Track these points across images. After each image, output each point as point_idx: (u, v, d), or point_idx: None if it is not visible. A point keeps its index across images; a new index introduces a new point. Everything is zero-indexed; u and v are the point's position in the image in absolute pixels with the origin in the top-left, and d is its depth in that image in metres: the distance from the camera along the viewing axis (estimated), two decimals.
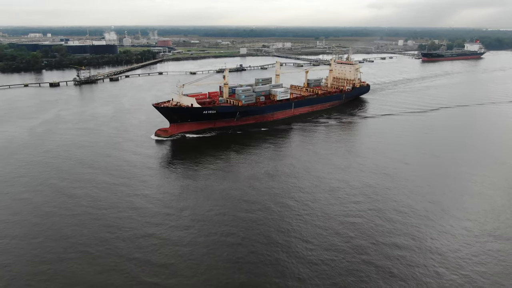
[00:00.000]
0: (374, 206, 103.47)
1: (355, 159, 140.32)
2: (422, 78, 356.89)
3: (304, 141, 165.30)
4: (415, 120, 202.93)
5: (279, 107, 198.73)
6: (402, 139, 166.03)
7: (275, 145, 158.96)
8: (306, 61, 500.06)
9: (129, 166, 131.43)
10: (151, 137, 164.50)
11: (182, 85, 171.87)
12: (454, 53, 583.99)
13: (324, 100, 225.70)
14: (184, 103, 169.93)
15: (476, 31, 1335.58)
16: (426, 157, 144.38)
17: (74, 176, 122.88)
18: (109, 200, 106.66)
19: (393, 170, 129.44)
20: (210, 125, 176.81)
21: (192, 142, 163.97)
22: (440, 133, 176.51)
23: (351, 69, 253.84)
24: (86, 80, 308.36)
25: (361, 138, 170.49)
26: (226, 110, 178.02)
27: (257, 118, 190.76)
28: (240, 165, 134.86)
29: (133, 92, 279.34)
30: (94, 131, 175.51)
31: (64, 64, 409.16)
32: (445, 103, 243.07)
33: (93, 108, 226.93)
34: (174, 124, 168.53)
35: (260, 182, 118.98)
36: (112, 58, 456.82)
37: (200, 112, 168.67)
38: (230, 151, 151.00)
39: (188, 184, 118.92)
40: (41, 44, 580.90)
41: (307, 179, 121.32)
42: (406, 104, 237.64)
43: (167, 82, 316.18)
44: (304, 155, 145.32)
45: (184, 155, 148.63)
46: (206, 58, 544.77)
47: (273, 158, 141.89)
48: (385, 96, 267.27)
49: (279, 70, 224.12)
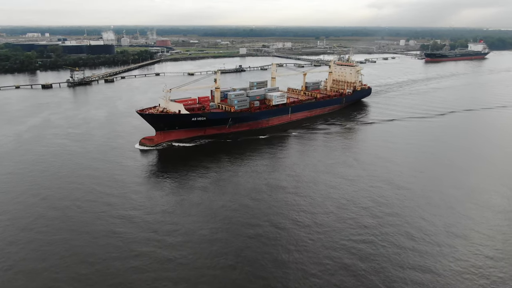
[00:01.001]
0: (387, 230, 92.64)
1: (363, 170, 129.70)
2: (427, 79, 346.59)
3: (304, 150, 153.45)
4: (423, 125, 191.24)
5: (275, 112, 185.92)
6: (411, 147, 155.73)
7: (273, 155, 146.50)
8: (307, 61, 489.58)
9: (111, 181, 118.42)
10: (135, 146, 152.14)
11: (169, 89, 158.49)
12: (458, 53, 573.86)
13: (323, 104, 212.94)
14: (171, 109, 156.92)
15: (477, 31, 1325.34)
16: (440, 167, 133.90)
17: (48, 193, 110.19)
18: (86, 225, 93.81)
19: (405, 182, 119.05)
20: (200, 132, 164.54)
21: (180, 151, 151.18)
22: (452, 140, 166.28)
23: (351, 71, 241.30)
24: (80, 82, 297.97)
25: (367, 146, 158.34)
26: (217, 117, 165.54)
27: (251, 124, 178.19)
28: (235, 179, 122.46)
29: (129, 95, 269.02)
30: (83, 137, 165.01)
31: (59, 65, 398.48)
32: (454, 107, 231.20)
33: (85, 111, 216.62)
34: (160, 132, 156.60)
35: (259, 199, 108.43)
36: (109, 59, 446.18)
37: (189, 119, 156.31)
38: (223, 161, 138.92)
39: (176, 201, 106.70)
40: (37, 44, 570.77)
41: (312, 194, 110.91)
42: (413, 108, 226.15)
43: (164, 84, 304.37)
44: (308, 165, 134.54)
45: (171, 167, 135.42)
46: (205, 58, 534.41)
47: (273, 170, 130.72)
48: (390, 99, 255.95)
49: (275, 72, 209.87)
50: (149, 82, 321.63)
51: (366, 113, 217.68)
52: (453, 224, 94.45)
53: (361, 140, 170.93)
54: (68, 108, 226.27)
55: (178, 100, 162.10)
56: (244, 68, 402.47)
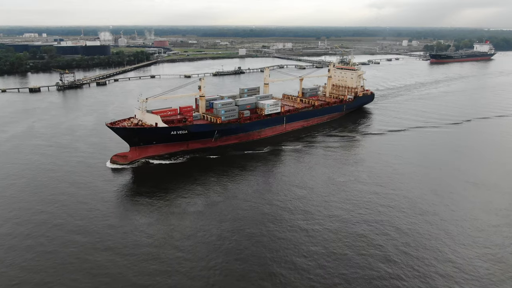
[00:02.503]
0: (417, 273, 77.64)
1: (380, 189, 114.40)
2: (436, 82, 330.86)
3: (303, 167, 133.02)
4: (439, 136, 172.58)
5: (268, 122, 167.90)
6: (430, 161, 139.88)
7: (268, 174, 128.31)
8: (308, 62, 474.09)
9: (77, 211, 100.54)
10: (107, 164, 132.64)
11: (145, 99, 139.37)
12: (464, 54, 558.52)
13: (322, 112, 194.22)
14: (147, 122, 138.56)
15: (479, 31, 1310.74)
16: (469, 186, 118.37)
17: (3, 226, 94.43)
18: (44, 267, 78.75)
19: (430, 207, 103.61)
20: (182, 147, 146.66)
21: (157, 170, 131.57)
22: (475, 153, 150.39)
23: (353, 75, 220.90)
24: (70, 85, 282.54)
25: (378, 161, 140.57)
26: (201, 130, 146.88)
27: (241, 137, 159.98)
28: (225, 204, 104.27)
29: (121, 99, 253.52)
30: (64, 150, 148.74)
31: (52, 66, 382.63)
32: (469, 114, 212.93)
33: (73, 118, 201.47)
34: (135, 148, 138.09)
35: (259, 234, 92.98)
36: (103, 60, 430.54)
37: (167, 133, 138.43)
38: (208, 182, 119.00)
39: (158, 233, 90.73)
40: (31, 45, 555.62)
41: (323, 220, 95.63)
42: (424, 115, 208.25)
43: (159, 87, 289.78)
44: (318, 184, 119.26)
45: (145, 189, 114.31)
46: (203, 59, 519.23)
47: (271, 192, 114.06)
48: (398, 105, 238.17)
49: (268, 78, 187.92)
50: (143, 85, 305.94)
51: (371, 122, 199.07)
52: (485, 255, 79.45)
53: (369, 154, 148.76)
54: (55, 114, 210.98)
55: (156, 111, 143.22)
56: (243, 70, 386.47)
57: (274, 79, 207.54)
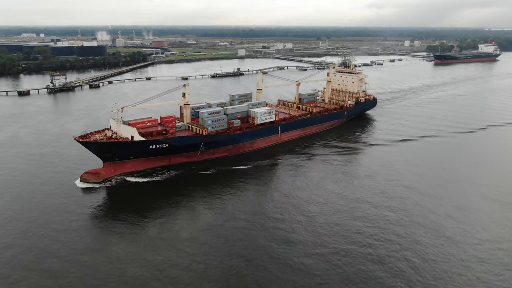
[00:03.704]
0: None
1: (400, 215, 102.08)
2: (443, 84, 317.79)
3: (301, 185, 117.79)
4: (454, 146, 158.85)
5: (261, 133, 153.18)
6: (445, 175, 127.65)
7: (262, 191, 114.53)
8: (310, 63, 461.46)
9: (39, 238, 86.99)
10: (76, 183, 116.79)
11: (120, 108, 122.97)
12: (469, 55, 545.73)
13: (321, 120, 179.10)
14: (122, 134, 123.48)
15: (480, 31, 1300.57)
16: (493, 204, 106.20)
17: None
18: None
19: (457, 230, 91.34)
20: (164, 162, 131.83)
21: (135, 189, 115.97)
22: (497, 166, 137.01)
23: (354, 79, 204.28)
24: (61, 88, 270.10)
25: (389, 177, 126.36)
26: (184, 143, 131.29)
27: (230, 149, 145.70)
28: (215, 233, 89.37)
29: (115, 102, 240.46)
30: (48, 160, 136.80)
31: (45, 68, 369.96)
32: (486, 120, 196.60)
33: (61, 124, 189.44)
34: (109, 164, 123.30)
35: (263, 266, 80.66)
36: (99, 61, 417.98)
37: (145, 148, 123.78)
38: (194, 204, 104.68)
39: (133, 274, 78.11)
40: (26, 45, 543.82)
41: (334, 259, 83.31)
42: (435, 122, 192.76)
43: (156, 90, 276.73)
44: (320, 206, 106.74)
45: (121, 213, 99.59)
46: (201, 60, 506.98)
47: (267, 215, 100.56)
48: (406, 110, 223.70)
49: (261, 83, 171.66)
50: (139, 88, 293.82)
51: (375, 131, 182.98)
52: None
53: (378, 168, 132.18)
54: (43, 119, 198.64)
55: (133, 122, 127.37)
56: (242, 72, 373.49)
57: (268, 84, 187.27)
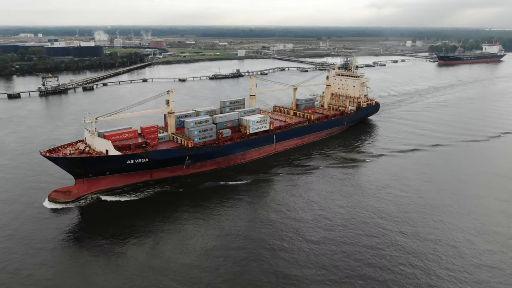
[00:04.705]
0: None
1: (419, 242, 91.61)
2: (450, 87, 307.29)
3: (302, 198, 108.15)
4: (469, 156, 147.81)
5: (254, 143, 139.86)
6: (465, 187, 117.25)
7: (256, 209, 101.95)
8: (311, 64, 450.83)
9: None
10: (44, 204, 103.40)
11: (94, 119, 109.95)
12: (473, 55, 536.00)
13: (319, 127, 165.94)
14: (96, 148, 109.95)
15: (481, 31, 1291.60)
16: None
17: None
18: None
19: (485, 257, 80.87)
20: (145, 177, 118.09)
21: (111, 210, 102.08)
22: None
23: (355, 83, 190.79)
24: (53, 90, 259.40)
25: (402, 193, 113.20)
26: (166, 156, 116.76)
27: (220, 162, 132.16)
28: (206, 262, 78.51)
29: (109, 106, 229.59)
30: (26, 173, 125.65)
31: (39, 69, 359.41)
32: (500, 127, 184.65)
33: (51, 129, 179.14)
34: (83, 180, 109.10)
35: None
36: (94, 62, 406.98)
37: (122, 163, 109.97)
38: (181, 225, 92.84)
39: None
40: (21, 46, 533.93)
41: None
42: (445, 130, 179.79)
43: (153, 92, 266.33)
44: (325, 229, 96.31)
45: (93, 239, 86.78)
46: (200, 61, 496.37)
47: (268, 241, 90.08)
48: (414, 115, 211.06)
49: (254, 88, 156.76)
50: (135, 90, 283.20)
51: (380, 139, 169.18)
52: None
53: (388, 181, 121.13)
54: (32, 124, 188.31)
55: (108, 133, 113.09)
56: (242, 73, 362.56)
57: (262, 89, 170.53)
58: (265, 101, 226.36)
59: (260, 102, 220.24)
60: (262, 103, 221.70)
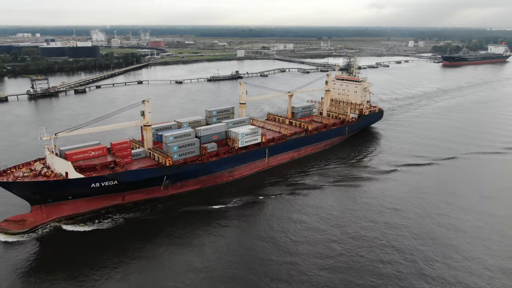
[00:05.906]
0: None
1: None
2: (459, 89, 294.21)
3: (305, 225, 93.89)
4: (492, 172, 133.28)
5: (244, 158, 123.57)
6: (492, 208, 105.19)
7: (246, 240, 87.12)
8: (312, 65, 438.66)
9: None
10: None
11: (53, 135, 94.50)
12: (478, 56, 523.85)
13: (318, 138, 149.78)
14: (56, 169, 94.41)
15: (482, 31, 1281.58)
16: None
17: None
18: None
19: None
20: (116, 200, 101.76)
21: (73, 242, 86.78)
22: None
23: (356, 89, 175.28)
24: (43, 93, 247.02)
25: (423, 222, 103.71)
26: (139, 177, 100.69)
27: (204, 181, 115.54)
28: None
29: (101, 111, 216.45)
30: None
31: (31, 70, 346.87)
32: None
33: (35, 137, 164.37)
34: (40, 206, 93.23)
35: None
36: (89, 63, 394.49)
37: (86, 186, 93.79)
38: (158, 260, 79.17)
39: None
40: (15, 46, 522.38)
41: None
42: (461, 139, 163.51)
43: (148, 95, 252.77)
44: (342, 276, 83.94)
45: (51, 281, 72.87)
46: (198, 62, 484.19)
47: (263, 280, 77.14)
48: (424, 123, 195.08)
49: (244, 96, 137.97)
50: (129, 93, 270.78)
51: (386, 150, 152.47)
52: None
53: (402, 205, 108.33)
54: (17, 131, 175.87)
55: (71, 151, 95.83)
56: (241, 75, 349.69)
57: (253, 96, 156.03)
58: (260, 106, 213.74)
59: (255, 108, 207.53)
60: (257, 109, 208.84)
